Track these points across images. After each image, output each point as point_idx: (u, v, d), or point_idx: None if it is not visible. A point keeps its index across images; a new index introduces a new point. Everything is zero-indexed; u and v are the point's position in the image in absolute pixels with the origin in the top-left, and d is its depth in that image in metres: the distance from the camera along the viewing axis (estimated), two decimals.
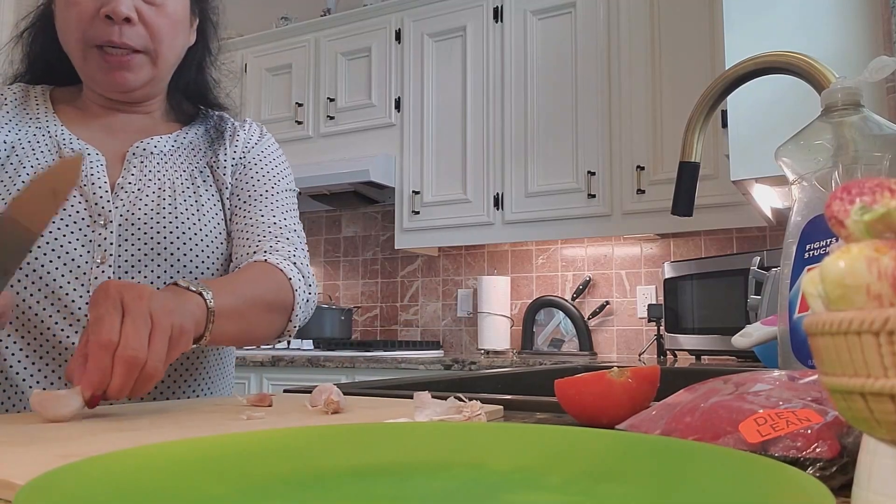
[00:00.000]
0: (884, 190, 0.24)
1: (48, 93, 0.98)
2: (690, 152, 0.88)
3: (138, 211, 0.91)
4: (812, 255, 0.60)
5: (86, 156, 0.91)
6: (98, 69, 0.88)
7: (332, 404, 0.64)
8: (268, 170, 1.03)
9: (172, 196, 0.93)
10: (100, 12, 0.85)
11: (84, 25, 0.86)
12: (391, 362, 2.59)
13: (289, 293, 0.90)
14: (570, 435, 0.40)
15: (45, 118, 0.94)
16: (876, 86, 1.76)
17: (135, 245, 0.90)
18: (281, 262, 0.91)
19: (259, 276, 0.88)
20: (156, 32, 0.89)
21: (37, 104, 0.96)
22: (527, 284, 3.14)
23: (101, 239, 0.88)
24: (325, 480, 0.36)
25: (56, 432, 0.54)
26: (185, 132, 1.01)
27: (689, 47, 2.58)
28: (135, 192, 0.92)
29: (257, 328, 0.87)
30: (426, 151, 3.03)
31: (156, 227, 0.91)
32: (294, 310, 0.91)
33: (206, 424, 0.58)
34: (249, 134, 1.05)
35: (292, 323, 0.92)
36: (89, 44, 0.87)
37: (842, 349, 0.23)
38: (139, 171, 0.93)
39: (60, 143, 0.92)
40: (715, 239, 2.81)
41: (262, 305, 0.86)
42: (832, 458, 0.36)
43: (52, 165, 0.68)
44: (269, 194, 1.00)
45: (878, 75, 0.61)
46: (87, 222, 0.88)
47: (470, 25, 3.00)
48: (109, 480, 0.31)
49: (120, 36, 0.86)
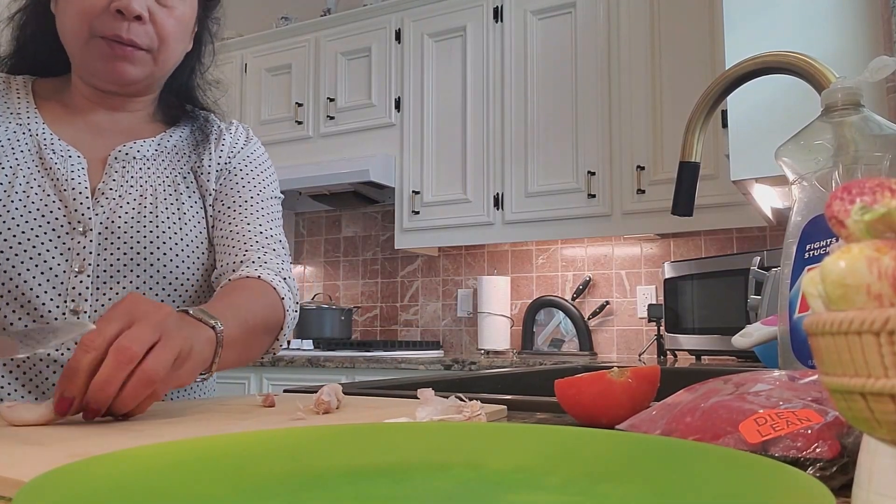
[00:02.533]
0: (884, 190, 0.24)
1: (30, 84, 0.95)
2: (690, 152, 0.88)
3: (118, 219, 0.88)
4: (812, 255, 0.60)
5: (67, 158, 0.89)
6: (100, 58, 0.86)
7: (323, 405, 0.65)
8: (253, 175, 1.00)
9: (154, 203, 0.91)
10: (110, 6, 0.83)
11: (91, 17, 0.84)
12: (391, 362, 2.59)
13: (280, 313, 0.89)
14: (570, 435, 0.40)
15: (27, 114, 0.91)
16: (876, 86, 1.76)
17: (114, 254, 0.87)
18: (273, 280, 0.89)
19: (256, 296, 0.86)
20: (163, 33, 0.87)
21: (18, 97, 0.93)
22: (527, 284, 3.14)
23: (79, 247, 0.85)
24: (325, 480, 0.36)
25: (63, 432, 0.54)
26: (169, 134, 0.98)
27: (689, 47, 2.58)
28: (115, 198, 0.89)
29: (252, 352, 0.86)
30: (426, 151, 3.03)
31: (136, 235, 0.88)
32: (283, 329, 0.91)
33: (212, 424, 0.58)
34: (235, 138, 1.02)
35: (279, 342, 0.91)
36: (94, 34, 0.84)
37: (842, 349, 0.23)
38: (120, 177, 0.91)
39: (41, 143, 0.89)
40: (715, 239, 2.81)
41: (259, 329, 0.85)
42: (832, 458, 0.36)
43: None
44: (255, 201, 0.98)
45: (878, 75, 0.61)
46: (66, 229, 0.86)
47: (470, 25, 3.00)
48: (109, 480, 0.31)
49: (128, 32, 0.84)
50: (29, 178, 0.86)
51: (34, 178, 0.86)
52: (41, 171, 0.87)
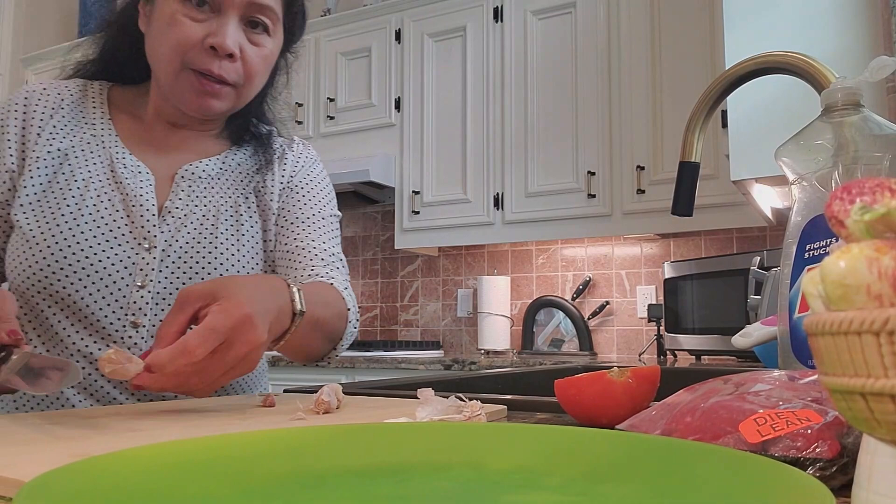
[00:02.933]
0: (884, 190, 0.24)
1: (106, 92, 0.97)
2: (690, 152, 0.88)
3: (181, 237, 0.90)
4: (812, 255, 0.60)
5: (137, 174, 0.91)
6: (189, 89, 0.87)
7: (323, 405, 0.65)
8: (314, 193, 1.02)
9: (214, 224, 0.93)
10: (204, 41, 0.84)
11: (185, 49, 0.85)
12: (391, 362, 2.59)
13: (343, 324, 0.90)
14: (570, 435, 0.40)
15: (101, 124, 0.94)
16: (876, 86, 1.76)
17: (174, 272, 0.89)
18: (343, 292, 0.91)
19: (330, 299, 0.87)
20: (250, 71, 0.89)
21: (94, 106, 0.95)
22: (527, 284, 3.14)
23: (143, 262, 0.87)
24: (325, 480, 0.36)
25: (63, 432, 0.54)
26: (234, 152, 1.00)
27: (689, 47, 2.58)
28: (181, 217, 0.91)
29: (311, 348, 0.87)
30: (426, 151, 3.03)
31: (195, 255, 0.90)
32: (343, 339, 0.91)
33: (212, 424, 0.58)
34: (297, 155, 1.04)
35: (336, 352, 0.93)
36: (186, 66, 0.86)
37: (842, 349, 0.23)
38: (186, 196, 0.93)
39: (114, 156, 0.91)
40: (715, 239, 2.81)
41: (326, 329, 0.85)
42: (832, 458, 0.36)
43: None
44: (316, 218, 0.99)
45: (878, 75, 0.61)
46: (132, 245, 0.87)
47: (470, 25, 3.00)
48: (109, 480, 0.31)
49: (219, 68, 0.86)
50: (100, 192, 0.89)
51: (105, 193, 0.89)
52: (112, 186, 0.90)
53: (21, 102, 0.92)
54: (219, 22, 0.85)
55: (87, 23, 3.73)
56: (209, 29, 0.85)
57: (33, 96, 0.93)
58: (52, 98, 0.93)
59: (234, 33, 0.85)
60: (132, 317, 0.86)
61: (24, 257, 0.85)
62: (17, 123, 0.91)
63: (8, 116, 0.92)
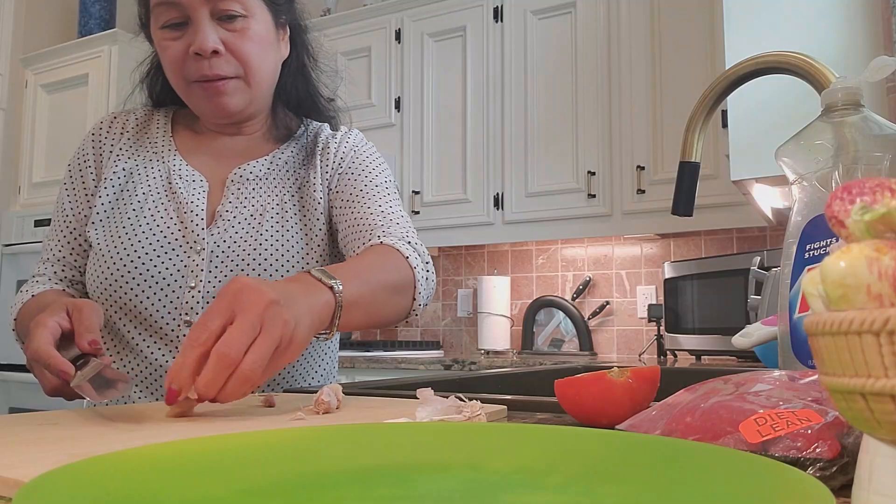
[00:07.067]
0: (884, 190, 0.24)
1: (171, 115, 1.06)
2: (691, 152, 0.88)
3: (229, 238, 0.95)
4: (812, 255, 0.60)
5: (191, 182, 0.98)
6: (201, 100, 0.94)
7: (323, 405, 0.65)
8: (364, 168, 1.03)
9: (259, 222, 0.96)
10: (189, 50, 0.90)
11: (179, 65, 0.92)
12: (391, 362, 2.59)
13: (409, 272, 0.89)
14: (570, 435, 0.40)
15: (163, 143, 1.02)
16: (876, 86, 1.76)
17: (223, 272, 0.93)
18: (396, 243, 0.90)
19: (378, 258, 0.87)
20: (243, 57, 0.92)
21: (157, 127, 1.04)
22: (527, 284, 3.14)
23: (193, 265, 0.93)
24: (325, 480, 0.36)
25: (63, 432, 0.54)
26: (281, 151, 1.04)
27: (689, 47, 2.58)
28: (230, 219, 0.96)
29: (383, 312, 0.86)
30: (426, 151, 3.03)
31: (241, 254, 0.94)
32: (417, 287, 0.90)
33: (212, 424, 0.58)
34: (340, 143, 1.05)
35: (417, 301, 0.91)
36: (188, 80, 0.93)
37: (842, 349, 0.23)
38: (235, 198, 0.98)
39: (171, 169, 0.99)
40: (715, 239, 2.81)
41: (387, 288, 0.85)
42: (832, 459, 0.35)
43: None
44: (370, 188, 1.00)
45: (878, 75, 0.61)
46: (184, 248, 0.93)
47: (470, 25, 3.00)
48: (109, 480, 0.31)
49: (210, 68, 0.91)
50: (157, 203, 0.96)
51: (161, 203, 0.96)
52: (167, 196, 0.97)
53: (94, 132, 1.03)
54: (193, 29, 0.91)
55: (87, 22, 3.72)
56: (189, 40, 0.91)
57: (104, 125, 1.04)
58: (118, 125, 1.04)
59: (210, 33, 0.90)
60: (185, 316, 0.92)
61: (98, 272, 0.94)
62: (93, 150, 1.02)
63: (85, 146, 1.03)
